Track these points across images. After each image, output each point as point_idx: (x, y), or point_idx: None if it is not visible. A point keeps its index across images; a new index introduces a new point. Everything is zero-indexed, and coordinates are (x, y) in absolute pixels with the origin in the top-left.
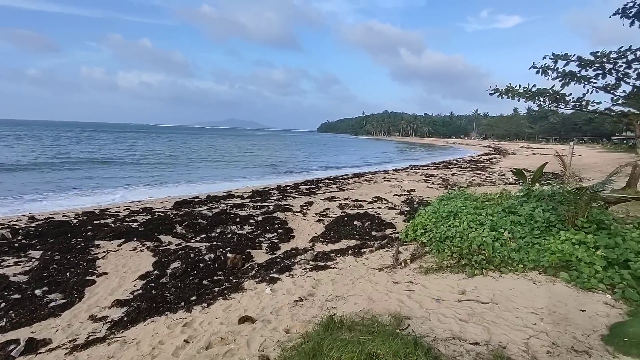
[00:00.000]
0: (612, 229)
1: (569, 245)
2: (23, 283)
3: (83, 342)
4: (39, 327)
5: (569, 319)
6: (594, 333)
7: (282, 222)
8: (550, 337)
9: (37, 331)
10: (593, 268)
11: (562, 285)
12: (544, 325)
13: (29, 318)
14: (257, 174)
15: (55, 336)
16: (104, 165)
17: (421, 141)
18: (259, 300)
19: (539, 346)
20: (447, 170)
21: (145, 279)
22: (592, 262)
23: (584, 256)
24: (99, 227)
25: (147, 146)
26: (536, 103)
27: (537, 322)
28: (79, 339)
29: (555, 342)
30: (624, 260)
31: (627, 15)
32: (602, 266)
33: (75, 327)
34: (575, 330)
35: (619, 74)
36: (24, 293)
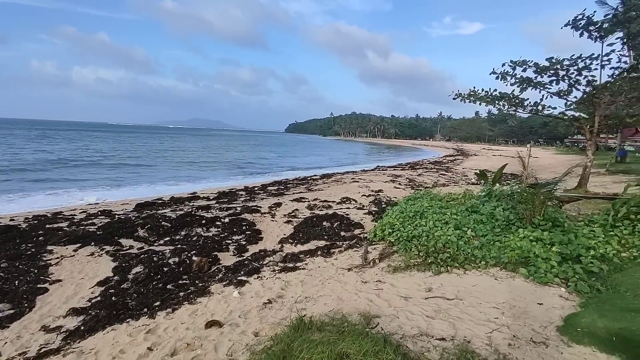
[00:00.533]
0: (565, 226)
1: (527, 242)
2: None
3: (34, 354)
4: None
5: (527, 312)
6: (550, 325)
7: (250, 223)
8: (511, 330)
9: None
10: (549, 263)
11: (521, 280)
12: (505, 319)
13: None
14: (223, 175)
15: (3, 349)
16: (57, 166)
17: (388, 142)
18: (226, 304)
19: (501, 339)
20: (413, 171)
21: (104, 285)
22: (548, 258)
23: (540, 252)
24: (52, 232)
25: (105, 146)
26: (496, 107)
27: (498, 316)
28: (29, 351)
29: (515, 334)
30: (577, 255)
31: (576, 27)
32: (557, 261)
33: (25, 339)
34: (533, 323)
35: (571, 80)
36: None
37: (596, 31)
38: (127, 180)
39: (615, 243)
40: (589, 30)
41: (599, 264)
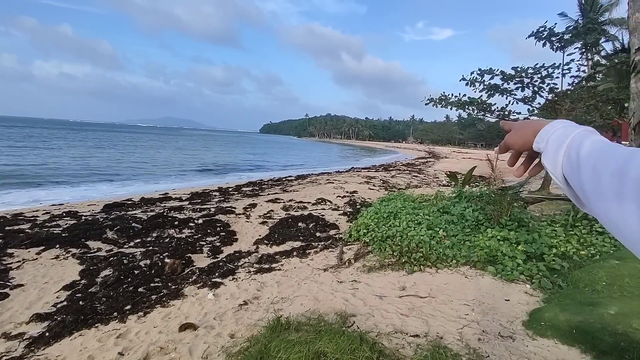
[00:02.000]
0: (530, 226)
1: (495, 241)
2: None
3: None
4: None
5: (495, 308)
6: (516, 320)
7: (224, 224)
8: (480, 325)
9: None
10: (515, 261)
11: (490, 277)
12: (475, 315)
13: None
14: (195, 176)
15: None
16: (14, 162)
17: (362, 144)
18: (201, 306)
19: (471, 334)
20: (387, 173)
21: (70, 290)
22: (515, 256)
23: (507, 251)
24: (12, 234)
25: (71, 144)
26: (466, 112)
27: (469, 313)
28: None
29: (485, 329)
30: (540, 253)
31: (539, 38)
32: (522, 259)
33: None
34: (501, 318)
35: (535, 87)
36: None
37: (557, 42)
38: (93, 180)
39: (575, 242)
40: (551, 40)
41: (561, 262)
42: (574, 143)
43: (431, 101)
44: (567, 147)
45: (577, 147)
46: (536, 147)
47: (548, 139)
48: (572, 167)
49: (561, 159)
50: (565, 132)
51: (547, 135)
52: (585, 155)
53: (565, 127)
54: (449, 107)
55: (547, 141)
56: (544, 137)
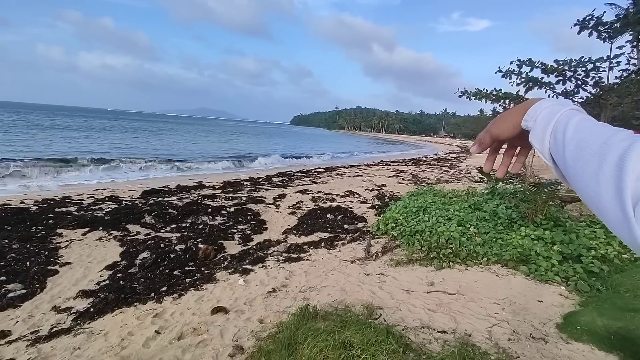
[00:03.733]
0: (567, 226)
1: (529, 240)
2: None
3: (46, 333)
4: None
5: (527, 308)
6: (549, 322)
7: (254, 213)
8: (511, 325)
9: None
10: (550, 262)
11: (522, 277)
12: (505, 315)
13: None
14: (229, 165)
15: (15, 328)
16: (65, 147)
17: (392, 137)
18: (231, 291)
19: (501, 334)
20: (416, 167)
21: (112, 270)
22: (549, 257)
23: (541, 251)
24: (61, 215)
25: (116, 135)
26: (502, 106)
27: (499, 312)
28: (41, 330)
29: (515, 330)
30: (577, 255)
31: (585, 27)
32: (557, 260)
33: (37, 318)
34: (533, 319)
35: (578, 81)
36: None
37: (605, 32)
38: (133, 167)
39: (616, 244)
40: (599, 30)
41: (600, 264)
42: (561, 122)
43: (464, 93)
44: (554, 125)
45: (563, 126)
46: (524, 125)
47: (536, 117)
48: (558, 145)
49: (548, 137)
50: (553, 111)
51: (536, 114)
52: (571, 134)
53: (552, 106)
54: (483, 100)
55: (535, 119)
56: (533, 116)
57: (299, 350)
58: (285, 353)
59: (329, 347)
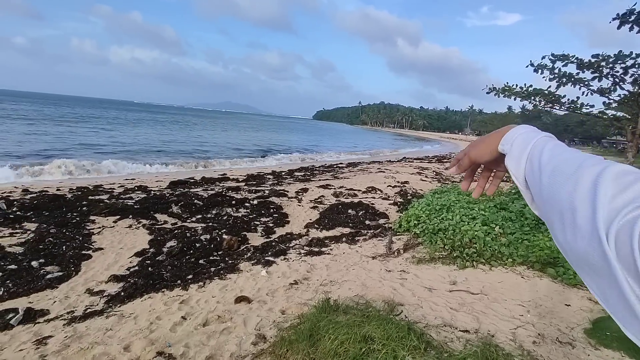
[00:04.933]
0: None
1: None
2: (19, 254)
3: (81, 314)
4: (36, 297)
5: (554, 312)
6: (577, 326)
7: (277, 207)
8: (536, 328)
9: (34, 302)
10: None
11: (549, 280)
12: (530, 317)
13: (26, 289)
14: (252, 158)
15: (52, 307)
16: (96, 140)
17: (416, 134)
18: (254, 282)
19: (526, 336)
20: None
21: (141, 256)
22: None
23: None
24: (93, 203)
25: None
26: (532, 103)
27: (524, 314)
28: (76, 311)
29: (541, 333)
30: None
31: (625, 22)
32: None
33: (72, 299)
34: (560, 323)
35: (616, 78)
36: (20, 264)
37: None
38: (160, 158)
39: None
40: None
41: None
42: (537, 148)
43: (492, 90)
44: (530, 151)
45: (539, 152)
46: (501, 149)
47: (512, 142)
48: (534, 169)
49: (524, 162)
50: (528, 138)
51: (512, 139)
52: (546, 159)
53: (527, 133)
54: (512, 97)
55: (511, 144)
56: (509, 140)
57: (321, 341)
58: (307, 343)
59: (350, 340)
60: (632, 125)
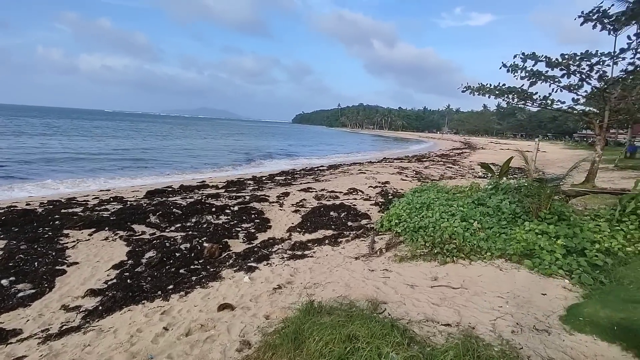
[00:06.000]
0: (571, 220)
1: (533, 235)
2: None
3: (56, 331)
4: (7, 317)
5: (531, 301)
6: (553, 314)
7: (258, 212)
8: (514, 318)
9: (5, 321)
10: (554, 256)
11: (526, 271)
12: (509, 308)
13: None
14: (230, 164)
15: (25, 326)
16: (61, 154)
17: (395, 134)
18: (237, 289)
19: (505, 326)
20: (420, 164)
21: (119, 269)
22: (553, 251)
23: (545, 245)
24: (67, 216)
25: (113, 135)
26: (505, 100)
27: (502, 305)
28: (51, 328)
29: (519, 322)
30: (581, 248)
31: (589, 20)
32: (561, 254)
33: (47, 317)
34: (537, 312)
35: (582, 75)
36: None
37: (610, 24)
38: (136, 168)
39: (620, 237)
40: (603, 22)
41: (604, 258)
42: None
43: (468, 89)
44: None
45: None
46: None
47: None
48: None
49: None
50: None
51: None
52: None
53: None
54: (487, 95)
55: None
56: None
57: (305, 343)
58: (292, 347)
59: (335, 340)
60: (599, 120)
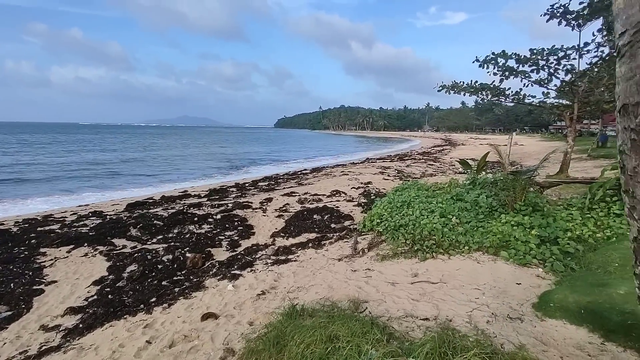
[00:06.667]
0: (545, 210)
1: (509, 226)
2: None
3: (35, 352)
4: None
5: (506, 291)
6: (526, 302)
7: (241, 219)
8: (490, 308)
9: None
10: (528, 246)
11: (502, 262)
12: (485, 299)
13: None
14: (212, 173)
15: (2, 350)
16: (37, 170)
17: (377, 135)
18: (221, 297)
19: (480, 317)
20: (402, 162)
21: (99, 285)
22: (528, 241)
23: (520, 236)
24: (44, 234)
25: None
26: (479, 97)
27: (479, 297)
28: (30, 350)
29: (494, 312)
30: (554, 237)
31: (554, 16)
32: (535, 244)
33: (25, 338)
34: (511, 301)
35: (551, 69)
36: None
37: (574, 19)
38: (115, 181)
39: (591, 225)
40: (567, 18)
41: (575, 245)
42: None
43: (443, 88)
44: None
45: None
46: None
47: None
48: None
49: None
50: None
51: None
52: None
53: None
54: (462, 93)
55: None
56: None
57: (287, 347)
58: (274, 350)
59: (316, 342)
60: (569, 112)
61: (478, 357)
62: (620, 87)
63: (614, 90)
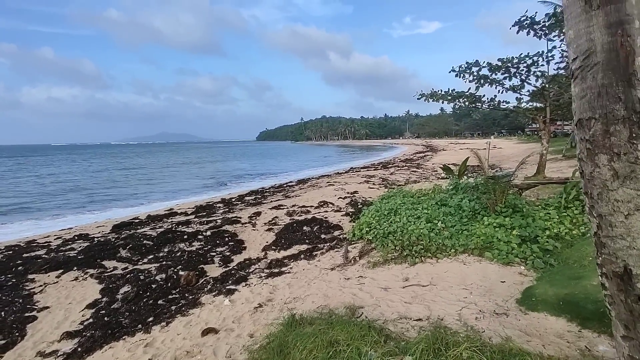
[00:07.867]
0: (524, 211)
1: (491, 228)
2: None
3: None
4: None
5: (492, 290)
6: (511, 298)
7: (232, 234)
8: (477, 306)
9: None
10: (510, 246)
11: (487, 262)
12: (473, 298)
13: None
14: (197, 189)
15: None
16: (12, 196)
17: (360, 143)
18: (219, 312)
19: (469, 314)
20: (385, 170)
21: (94, 307)
22: (509, 241)
23: (503, 237)
24: (30, 260)
25: (72, 168)
26: (457, 105)
27: (467, 296)
28: None
29: (482, 309)
30: (534, 236)
31: (522, 27)
32: (517, 243)
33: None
34: (497, 298)
35: (522, 76)
36: None
37: (540, 30)
38: (95, 202)
39: (567, 222)
40: (534, 29)
41: (554, 242)
42: None
43: (422, 96)
44: None
45: None
46: None
47: None
48: None
49: None
50: None
51: None
52: None
53: None
54: (440, 100)
55: None
56: None
57: (291, 354)
58: (279, 358)
59: (318, 347)
60: (542, 115)
61: (469, 350)
62: (576, 104)
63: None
